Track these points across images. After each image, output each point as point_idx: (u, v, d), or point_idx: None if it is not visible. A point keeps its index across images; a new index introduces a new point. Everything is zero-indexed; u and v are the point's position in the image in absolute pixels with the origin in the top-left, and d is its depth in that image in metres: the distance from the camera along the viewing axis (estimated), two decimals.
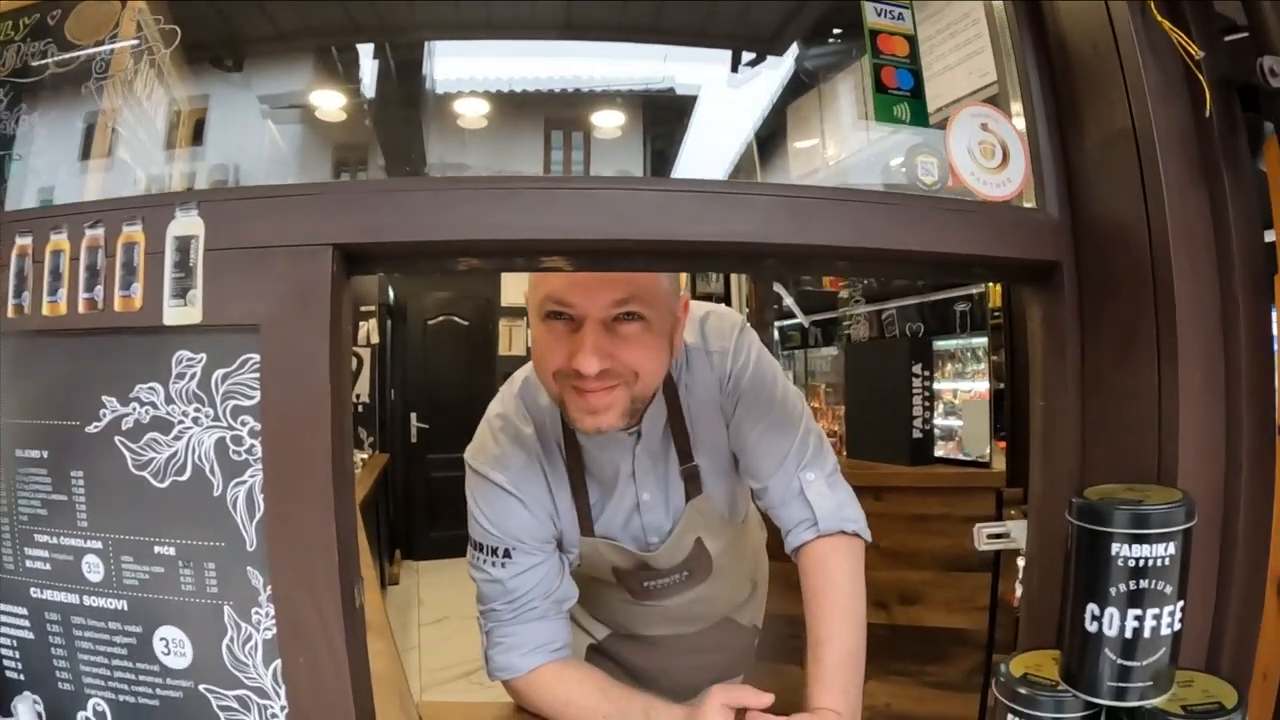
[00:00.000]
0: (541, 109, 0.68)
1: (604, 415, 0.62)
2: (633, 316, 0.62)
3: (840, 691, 0.65)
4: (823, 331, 2.25)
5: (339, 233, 0.47)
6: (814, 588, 0.69)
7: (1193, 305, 0.54)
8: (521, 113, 0.69)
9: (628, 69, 0.69)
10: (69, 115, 0.60)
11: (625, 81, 0.70)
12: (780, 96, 0.74)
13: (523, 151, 0.70)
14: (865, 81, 0.74)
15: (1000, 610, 1.22)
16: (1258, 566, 0.57)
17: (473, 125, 0.67)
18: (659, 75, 0.70)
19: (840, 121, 0.73)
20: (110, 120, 0.60)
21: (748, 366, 0.73)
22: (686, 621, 0.87)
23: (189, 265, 0.50)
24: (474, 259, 0.50)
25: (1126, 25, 0.55)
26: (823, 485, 0.72)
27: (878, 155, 0.68)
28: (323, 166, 0.63)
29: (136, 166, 0.59)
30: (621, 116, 0.69)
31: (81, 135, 0.60)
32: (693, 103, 0.71)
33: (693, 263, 0.52)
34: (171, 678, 0.53)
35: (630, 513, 0.74)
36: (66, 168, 0.59)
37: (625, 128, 0.68)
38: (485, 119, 0.67)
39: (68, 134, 0.60)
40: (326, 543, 0.48)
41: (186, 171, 0.58)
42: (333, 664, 0.49)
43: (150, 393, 0.51)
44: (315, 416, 0.47)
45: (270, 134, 0.62)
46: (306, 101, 0.64)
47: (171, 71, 0.59)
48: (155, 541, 0.52)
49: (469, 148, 0.67)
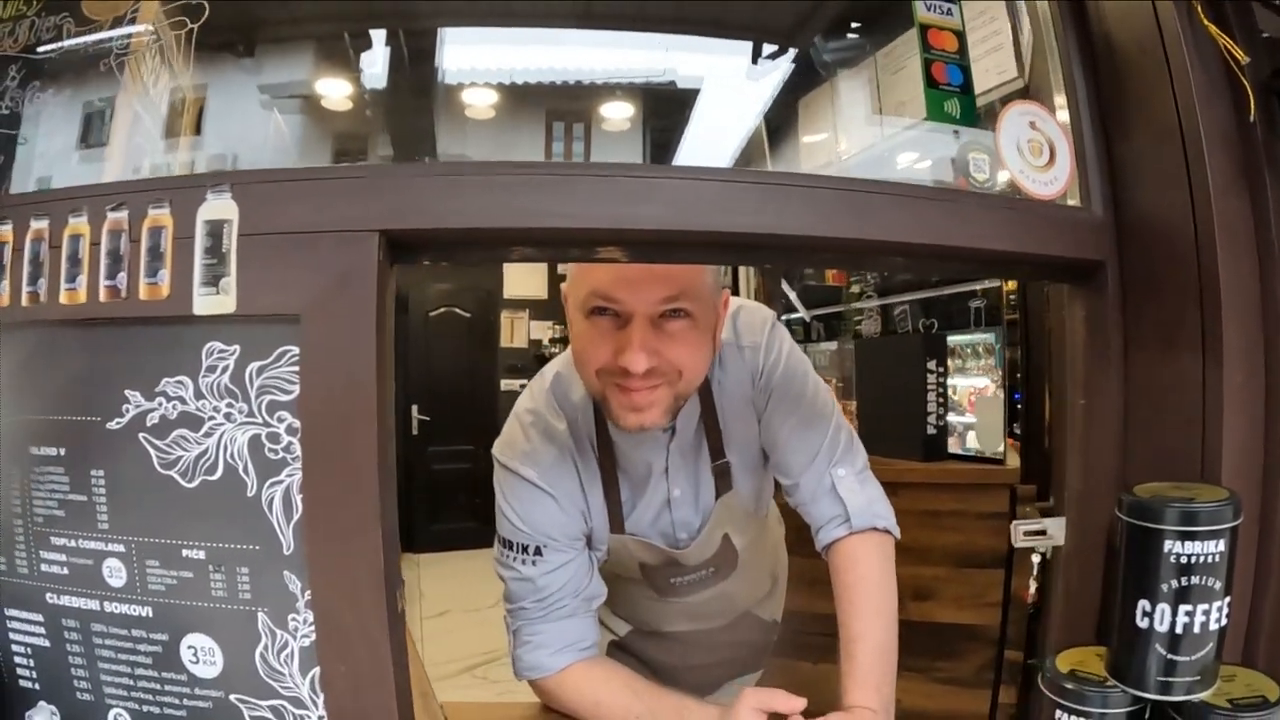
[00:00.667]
0: (546, 100, 0.65)
1: (647, 413, 0.60)
2: (680, 313, 0.60)
3: (874, 688, 0.63)
4: (825, 326, 2.22)
5: (387, 218, 0.44)
6: (846, 584, 0.67)
7: (1236, 306, 0.53)
8: (525, 104, 0.66)
9: (634, 60, 0.66)
10: (83, 95, 0.56)
11: (630, 74, 0.67)
12: (792, 90, 0.72)
13: (523, 143, 0.66)
14: (879, 77, 0.72)
15: (1013, 607, 1.21)
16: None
17: (480, 115, 0.64)
18: (661, 68, 0.67)
19: (853, 116, 0.71)
20: (130, 102, 0.55)
21: (779, 362, 0.71)
22: (709, 617, 0.85)
23: (221, 251, 0.46)
24: (528, 248, 0.47)
25: (1174, 28, 0.54)
26: (854, 482, 0.70)
27: (889, 151, 0.66)
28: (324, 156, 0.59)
29: (152, 152, 0.55)
30: (629, 109, 0.66)
31: (96, 117, 0.55)
32: (695, 95, 0.69)
33: (745, 256, 0.50)
34: (200, 687, 0.49)
35: (661, 509, 0.72)
36: (81, 150, 0.54)
37: (631, 120, 0.66)
38: (493, 109, 0.64)
39: (81, 115, 0.55)
40: (371, 545, 0.44)
41: (194, 159, 0.54)
42: (375, 672, 0.45)
43: (178, 387, 0.47)
44: (360, 412, 0.43)
45: (275, 121, 0.58)
46: (313, 90, 0.59)
47: (186, 54, 0.55)
48: (183, 545, 0.48)
49: (470, 138, 0.64)
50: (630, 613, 0.87)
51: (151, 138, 0.56)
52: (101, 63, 0.54)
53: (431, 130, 0.63)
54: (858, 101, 0.71)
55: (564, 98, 0.66)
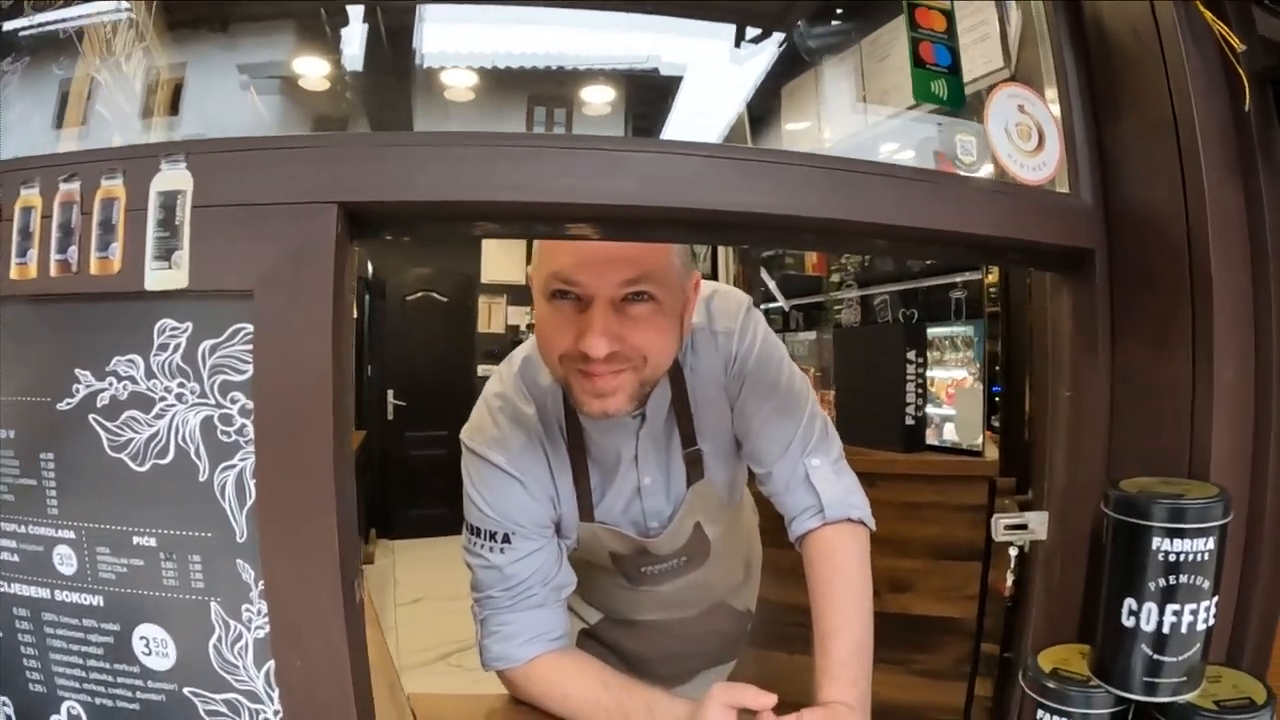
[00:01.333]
0: (527, 85, 0.64)
1: (611, 399, 0.57)
2: (643, 297, 0.56)
3: (850, 683, 0.60)
4: (804, 316, 2.17)
5: (345, 190, 0.40)
6: (821, 577, 0.65)
7: (1228, 300, 0.51)
8: (506, 88, 0.64)
9: (617, 46, 0.63)
10: (43, 68, 0.52)
11: (613, 59, 0.65)
12: (776, 77, 0.69)
13: (504, 128, 0.63)
14: (863, 64, 0.69)
15: (990, 600, 1.18)
16: (1278, 561, 0.54)
17: (460, 98, 0.61)
18: (644, 54, 0.65)
19: (837, 104, 0.69)
20: (89, 77, 0.52)
21: (753, 348, 0.68)
22: (681, 606, 0.82)
23: (174, 224, 0.42)
24: (491, 223, 0.43)
25: (1170, 14, 0.51)
26: (828, 471, 0.67)
27: (872, 140, 0.63)
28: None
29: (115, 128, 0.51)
30: (610, 93, 0.63)
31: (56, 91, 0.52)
32: (678, 82, 0.67)
33: (724, 235, 0.47)
34: (153, 680, 0.46)
35: (631, 497, 0.69)
36: (38, 124, 0.51)
37: (613, 105, 0.63)
38: (472, 91, 0.61)
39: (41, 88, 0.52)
40: (326, 534, 0.41)
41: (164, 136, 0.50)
42: (331, 666, 0.42)
43: (129, 366, 0.44)
44: (315, 393, 0.40)
45: (252, 103, 0.56)
46: (290, 69, 0.56)
47: (157, 28, 0.52)
48: (134, 531, 0.44)
49: (450, 122, 0.61)
50: (601, 601, 0.84)
51: (122, 115, 0.53)
52: (60, 31, 0.51)
53: (409, 112, 0.61)
54: (842, 90, 0.69)
55: (546, 82, 0.63)
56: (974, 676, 1.20)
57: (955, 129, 0.54)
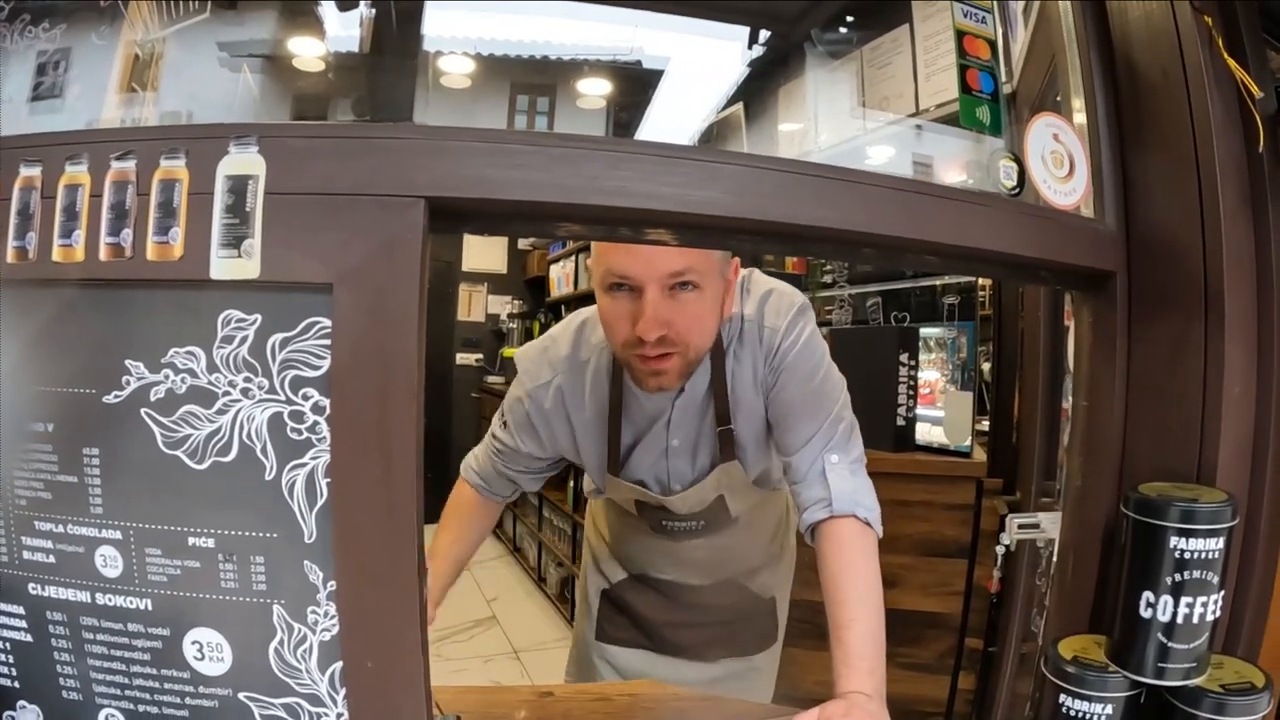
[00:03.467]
0: (512, 73, 0.61)
1: (665, 377, 0.64)
2: (688, 285, 0.61)
3: (866, 672, 0.59)
4: None
5: (434, 184, 0.37)
6: (833, 570, 0.64)
7: (1238, 325, 0.52)
8: (493, 77, 0.61)
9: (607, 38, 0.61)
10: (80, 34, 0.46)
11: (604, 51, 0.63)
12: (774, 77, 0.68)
13: (487, 115, 0.62)
14: (864, 71, 0.68)
15: (975, 595, 1.21)
16: (1270, 560, 0.56)
17: (455, 85, 0.58)
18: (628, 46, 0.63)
19: (834, 109, 0.68)
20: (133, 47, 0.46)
21: (795, 345, 0.69)
22: (697, 569, 0.83)
23: (245, 210, 0.38)
24: (575, 224, 0.40)
25: (1196, 58, 0.52)
26: (844, 469, 0.68)
27: (863, 148, 0.63)
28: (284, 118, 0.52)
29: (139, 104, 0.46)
30: (604, 85, 0.62)
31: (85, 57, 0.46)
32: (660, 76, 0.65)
33: (796, 247, 0.45)
34: (205, 685, 0.41)
35: (659, 457, 0.73)
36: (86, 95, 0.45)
37: (604, 98, 0.62)
38: (468, 78, 0.58)
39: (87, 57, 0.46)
40: (405, 534, 0.38)
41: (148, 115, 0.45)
42: (405, 667, 0.39)
43: (188, 359, 0.39)
44: (399, 392, 0.37)
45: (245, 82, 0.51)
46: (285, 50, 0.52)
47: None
48: (190, 532, 0.40)
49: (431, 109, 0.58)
50: (625, 551, 0.87)
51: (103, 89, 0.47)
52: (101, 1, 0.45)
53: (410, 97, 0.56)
54: (840, 95, 0.68)
55: (532, 71, 0.60)
56: (958, 670, 1.22)
57: (941, 139, 0.54)
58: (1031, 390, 1.00)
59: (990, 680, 1.10)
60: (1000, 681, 1.05)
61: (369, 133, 0.38)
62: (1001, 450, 1.20)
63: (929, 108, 0.72)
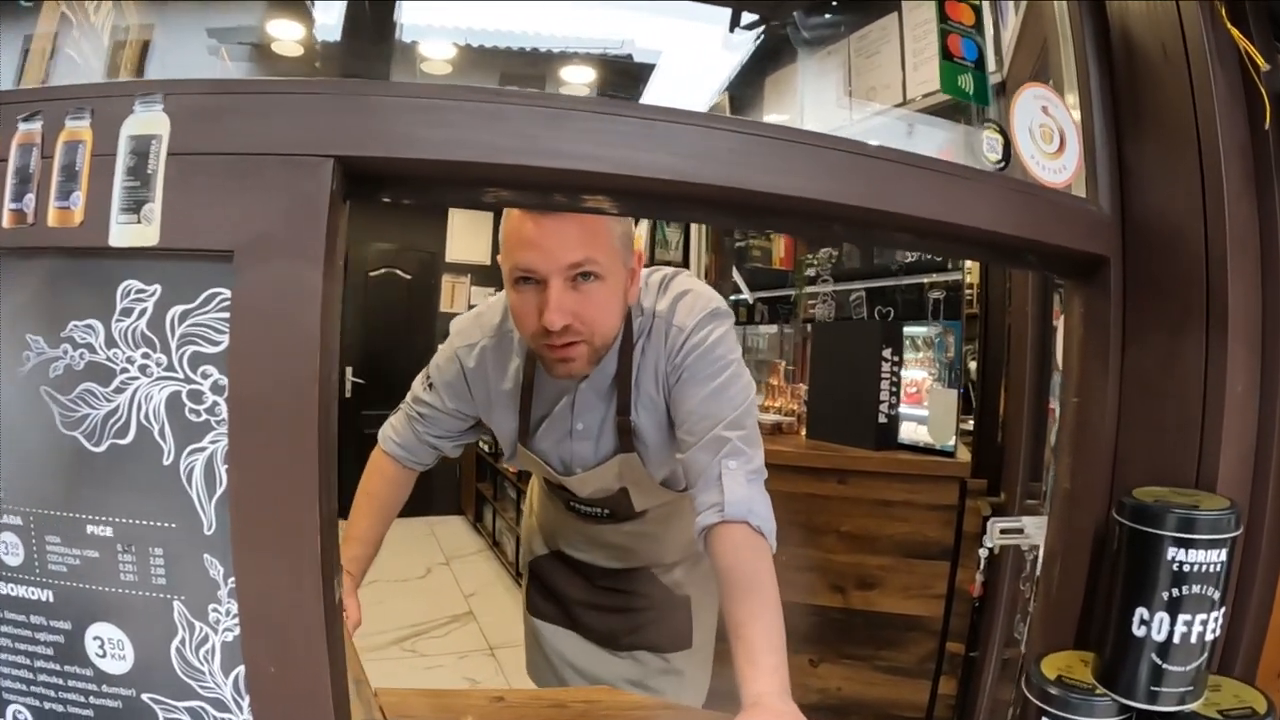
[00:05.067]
0: (500, 64, 0.58)
1: (573, 365, 0.63)
2: (590, 276, 0.61)
3: (772, 670, 0.53)
4: (769, 309, 2.02)
5: (346, 143, 0.32)
6: (727, 569, 0.58)
7: (1242, 316, 0.46)
8: (478, 68, 0.58)
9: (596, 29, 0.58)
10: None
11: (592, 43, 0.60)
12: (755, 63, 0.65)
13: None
14: (852, 60, 0.64)
15: (957, 599, 1.14)
16: (1271, 573, 0.50)
17: (437, 70, 0.55)
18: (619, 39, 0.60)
19: (821, 97, 0.64)
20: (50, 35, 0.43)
21: (699, 346, 0.66)
22: (609, 553, 0.83)
23: (146, 173, 0.34)
24: (503, 190, 0.36)
25: (1198, 31, 0.46)
26: (741, 476, 0.61)
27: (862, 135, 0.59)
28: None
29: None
30: (590, 73, 0.59)
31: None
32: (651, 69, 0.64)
33: (757, 220, 0.39)
34: (108, 684, 0.37)
35: (562, 437, 0.73)
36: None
37: (590, 87, 0.59)
38: (449, 64, 0.56)
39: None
40: (308, 527, 0.33)
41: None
42: (311, 673, 0.34)
43: (87, 333, 0.35)
44: (301, 371, 0.32)
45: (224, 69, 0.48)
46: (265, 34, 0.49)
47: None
48: (88, 519, 0.35)
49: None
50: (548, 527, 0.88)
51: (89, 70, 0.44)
52: None
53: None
54: (827, 85, 0.64)
55: (520, 62, 0.57)
56: (938, 675, 1.15)
57: (933, 129, 0.49)
58: (1018, 388, 0.93)
59: (971, 686, 1.03)
60: (982, 688, 0.98)
61: (278, 88, 0.33)
62: (986, 450, 1.13)
63: (916, 97, 0.67)
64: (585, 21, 0.61)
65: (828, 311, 1.80)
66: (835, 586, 1.21)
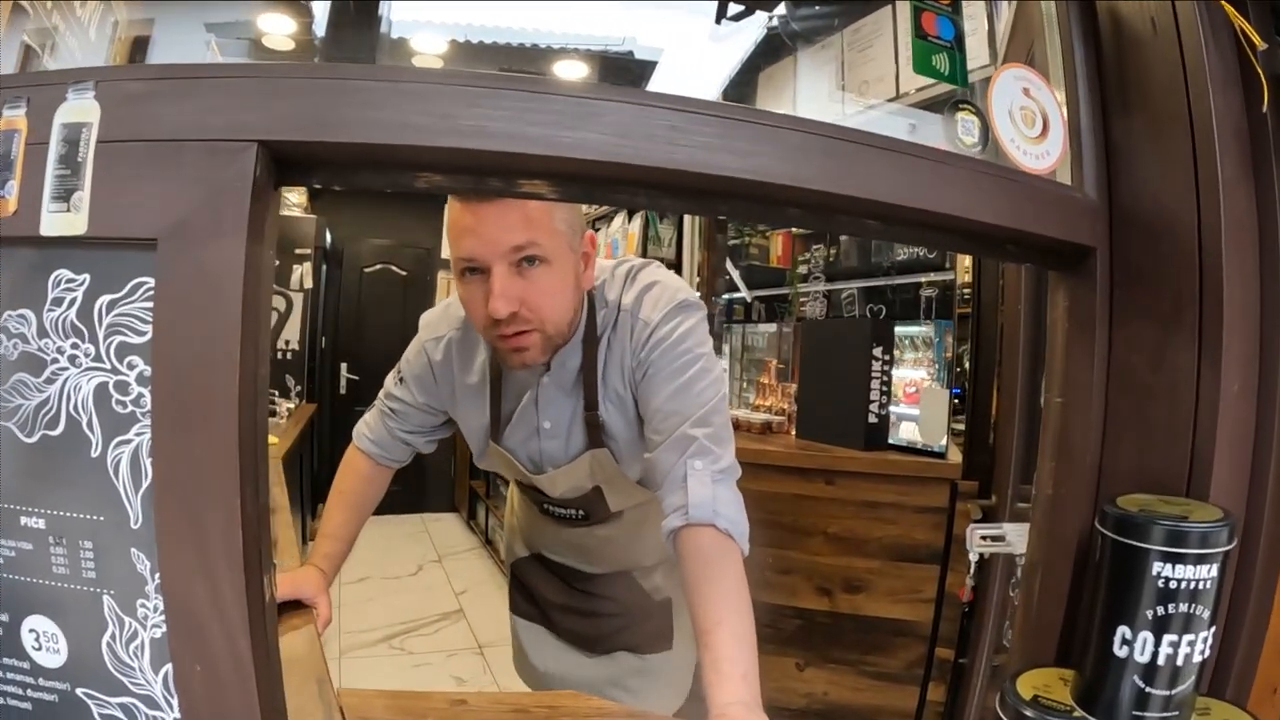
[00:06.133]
0: (500, 61, 0.56)
1: (526, 354, 0.61)
2: (535, 260, 0.58)
3: (740, 678, 0.49)
4: (768, 308, 1.96)
5: (268, 127, 0.31)
6: (691, 575, 0.54)
7: (1238, 308, 0.42)
8: (479, 64, 0.57)
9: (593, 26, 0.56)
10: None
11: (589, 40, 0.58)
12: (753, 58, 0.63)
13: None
14: (845, 54, 0.62)
15: (946, 604, 1.08)
16: (1267, 589, 0.45)
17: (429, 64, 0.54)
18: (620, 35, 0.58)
19: (814, 91, 0.62)
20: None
21: (665, 341, 0.62)
22: (587, 557, 0.80)
23: (76, 161, 0.33)
24: (436, 174, 0.34)
25: (1191, 7, 0.42)
26: (706, 477, 0.57)
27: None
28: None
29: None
30: (585, 69, 0.56)
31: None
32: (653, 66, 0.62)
33: (701, 203, 0.37)
34: (45, 678, 0.36)
35: (530, 435, 0.70)
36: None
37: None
38: (441, 59, 0.54)
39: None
40: (229, 523, 0.31)
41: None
42: (236, 673, 0.32)
43: (20, 322, 0.34)
44: (220, 361, 0.30)
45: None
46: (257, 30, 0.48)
47: None
48: (21, 511, 0.34)
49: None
50: (527, 530, 0.86)
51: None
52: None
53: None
54: (821, 79, 0.61)
55: (518, 58, 0.55)
56: (927, 680, 1.09)
57: (925, 124, 0.46)
58: (1010, 388, 0.89)
59: (960, 693, 0.98)
60: (971, 694, 0.93)
61: (202, 72, 0.32)
62: (978, 451, 1.08)
63: (909, 91, 0.64)
64: (587, 18, 0.60)
65: (819, 310, 1.75)
66: (822, 589, 1.16)
